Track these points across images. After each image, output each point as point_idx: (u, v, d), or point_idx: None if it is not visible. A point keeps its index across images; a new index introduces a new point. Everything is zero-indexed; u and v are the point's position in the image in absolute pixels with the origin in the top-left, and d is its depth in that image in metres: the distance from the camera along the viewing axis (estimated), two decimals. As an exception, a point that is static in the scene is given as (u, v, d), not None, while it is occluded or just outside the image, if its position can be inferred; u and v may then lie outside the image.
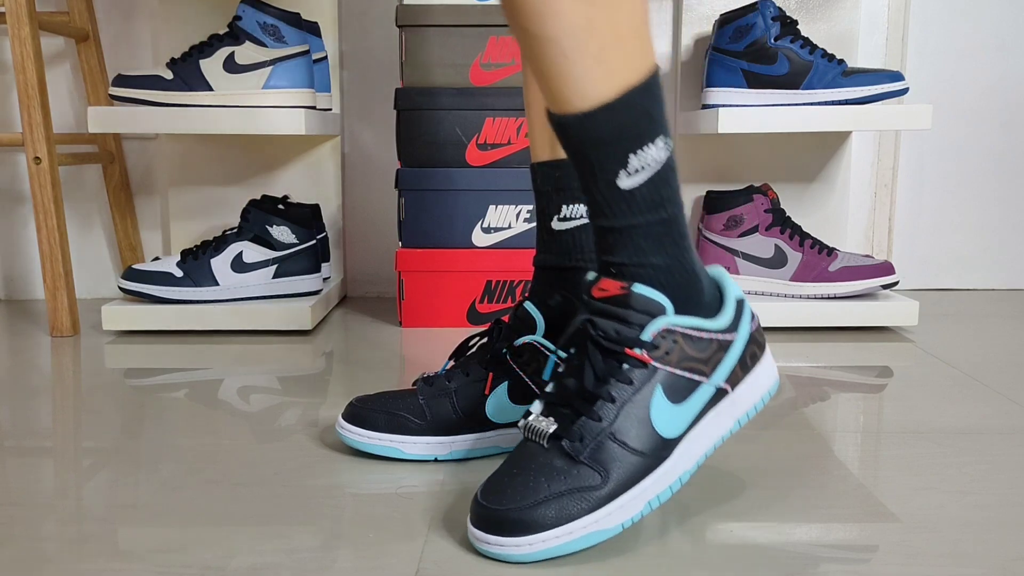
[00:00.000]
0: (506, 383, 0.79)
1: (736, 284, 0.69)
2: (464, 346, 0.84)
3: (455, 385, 0.80)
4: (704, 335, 0.65)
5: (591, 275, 0.66)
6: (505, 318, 0.82)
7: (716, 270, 0.70)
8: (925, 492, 0.73)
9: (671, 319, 0.63)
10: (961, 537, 0.65)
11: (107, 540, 0.64)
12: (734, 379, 0.67)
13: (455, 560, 0.61)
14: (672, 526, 0.66)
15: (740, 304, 0.68)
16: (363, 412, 0.80)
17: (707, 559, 0.61)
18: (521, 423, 0.66)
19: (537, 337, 0.79)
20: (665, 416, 0.63)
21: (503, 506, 0.60)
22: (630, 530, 0.66)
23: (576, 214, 0.81)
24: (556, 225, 0.81)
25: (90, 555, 0.62)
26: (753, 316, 0.70)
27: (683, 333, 0.64)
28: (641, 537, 0.64)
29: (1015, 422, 0.91)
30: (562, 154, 0.81)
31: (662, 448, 0.63)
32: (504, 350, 0.80)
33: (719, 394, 0.67)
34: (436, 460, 0.79)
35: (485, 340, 0.83)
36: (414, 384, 0.82)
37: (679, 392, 0.64)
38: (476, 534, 0.61)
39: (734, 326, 0.67)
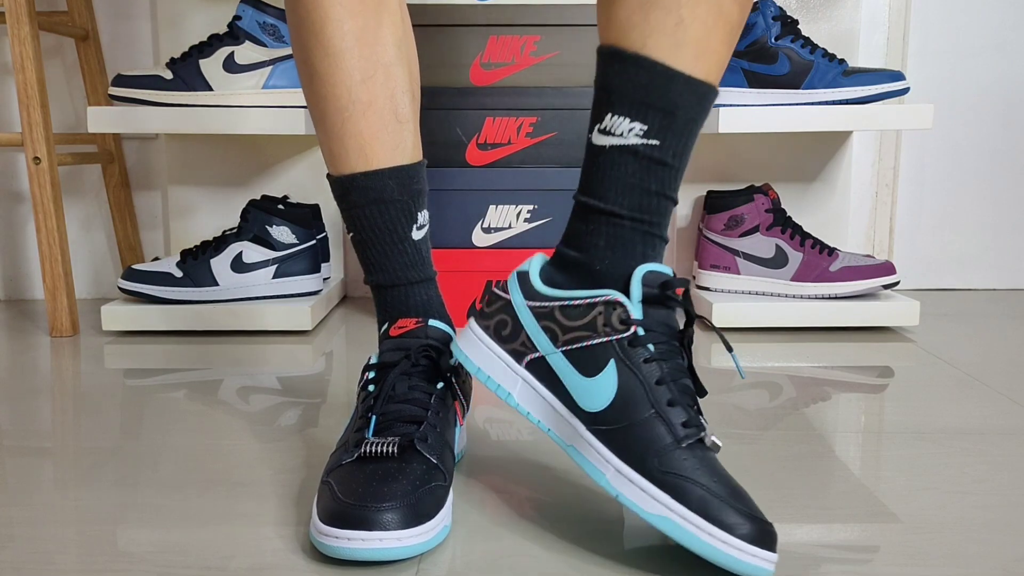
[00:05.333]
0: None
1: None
2: (384, 397, 0.70)
3: (440, 428, 0.69)
4: None
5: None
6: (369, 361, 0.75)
7: None
8: (926, 492, 0.73)
9: None
10: (962, 537, 0.65)
11: (107, 540, 0.64)
12: None
13: (455, 561, 0.61)
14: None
15: None
16: (392, 509, 0.60)
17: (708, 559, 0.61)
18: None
19: None
20: None
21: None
22: (631, 532, 0.65)
23: (426, 220, 0.77)
24: (416, 235, 0.76)
25: (90, 555, 0.62)
26: None
27: None
28: (641, 537, 0.64)
29: (1016, 422, 0.91)
30: (406, 158, 0.74)
31: None
32: (450, 375, 0.74)
33: None
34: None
35: (414, 381, 0.72)
36: (377, 451, 0.65)
37: None
38: None
39: None
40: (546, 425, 0.65)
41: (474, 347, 0.68)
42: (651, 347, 0.62)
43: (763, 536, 0.57)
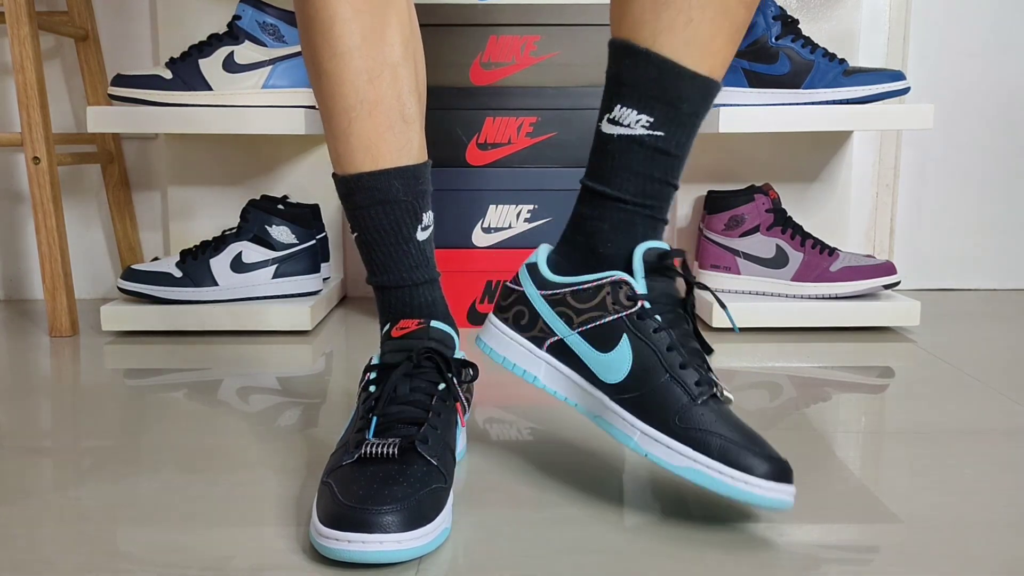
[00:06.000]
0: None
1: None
2: (385, 398, 0.70)
3: (441, 430, 0.69)
4: None
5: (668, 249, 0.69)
6: (370, 361, 0.75)
7: None
8: (927, 493, 0.73)
9: None
10: (963, 538, 0.65)
11: (107, 540, 0.64)
12: None
13: (455, 562, 0.61)
14: (672, 527, 0.66)
15: None
16: (392, 511, 0.59)
17: (708, 560, 0.61)
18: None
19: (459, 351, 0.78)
20: None
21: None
22: (631, 532, 0.65)
23: (431, 220, 0.77)
24: (420, 236, 0.77)
25: (90, 555, 0.62)
26: None
27: None
28: (641, 538, 0.64)
29: (1017, 422, 0.91)
30: (412, 159, 0.75)
31: None
32: (451, 376, 0.74)
33: None
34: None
35: (413, 382, 0.71)
36: (378, 452, 0.64)
37: None
38: None
39: None
40: (573, 400, 0.71)
41: (496, 339, 0.74)
42: (658, 318, 0.67)
43: (781, 472, 0.62)
